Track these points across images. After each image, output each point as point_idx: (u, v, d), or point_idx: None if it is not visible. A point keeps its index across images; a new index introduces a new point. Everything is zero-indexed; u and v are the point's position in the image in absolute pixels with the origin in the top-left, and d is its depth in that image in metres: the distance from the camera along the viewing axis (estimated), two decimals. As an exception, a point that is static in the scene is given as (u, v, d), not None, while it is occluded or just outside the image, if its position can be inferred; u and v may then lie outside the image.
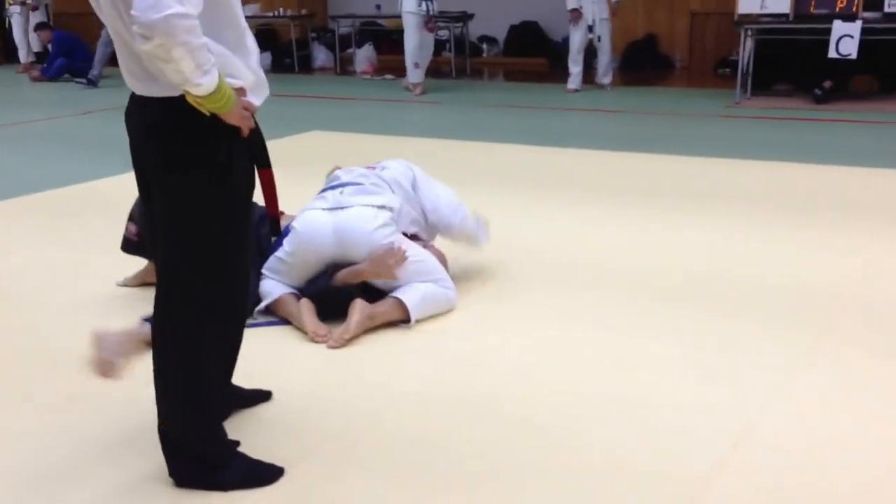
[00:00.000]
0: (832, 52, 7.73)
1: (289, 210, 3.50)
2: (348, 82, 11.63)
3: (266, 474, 2.29)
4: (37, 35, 12.75)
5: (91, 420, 2.65)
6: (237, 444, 2.34)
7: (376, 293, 3.33)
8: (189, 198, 2.09)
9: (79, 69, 11.98)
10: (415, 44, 9.80)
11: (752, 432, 2.46)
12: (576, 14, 9.35)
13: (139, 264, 3.69)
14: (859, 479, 2.24)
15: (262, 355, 3.02)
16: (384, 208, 3.38)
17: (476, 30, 12.69)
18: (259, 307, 3.36)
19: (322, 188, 3.59)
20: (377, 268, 3.28)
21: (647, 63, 11.59)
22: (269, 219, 2.37)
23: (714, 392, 2.70)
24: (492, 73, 12.34)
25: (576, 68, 9.66)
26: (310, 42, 13.16)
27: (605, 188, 5.34)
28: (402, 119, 8.52)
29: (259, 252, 3.40)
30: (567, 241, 4.30)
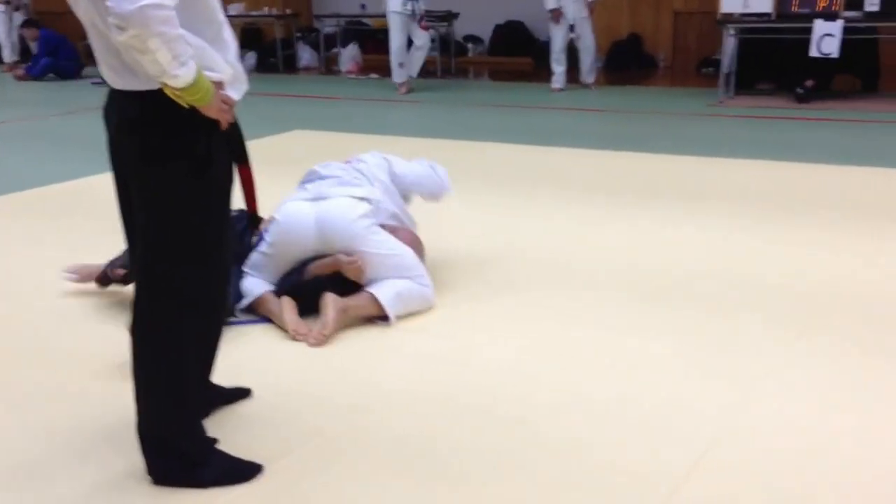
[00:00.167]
0: (814, 51, 7.78)
1: (269, 208, 3.51)
2: (333, 82, 11.62)
3: (245, 472, 2.29)
4: (22, 33, 12.71)
5: (68, 417, 2.65)
6: (216, 441, 2.35)
7: (351, 286, 3.33)
8: (167, 190, 2.08)
9: (64, 68, 11.94)
10: (399, 44, 9.78)
11: (748, 432, 2.45)
12: (556, 14, 9.36)
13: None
14: (858, 479, 2.23)
15: (242, 353, 3.03)
16: (364, 200, 3.40)
17: (461, 29, 12.70)
18: (240, 305, 3.36)
19: (302, 181, 3.61)
20: (346, 266, 3.29)
21: (632, 62, 11.64)
22: (249, 214, 2.38)
23: (710, 391, 2.69)
24: (477, 73, 12.36)
25: (559, 68, 9.68)
26: (295, 42, 13.16)
27: (592, 187, 5.36)
28: (387, 118, 8.52)
29: (243, 257, 3.41)
30: (555, 239, 4.31)
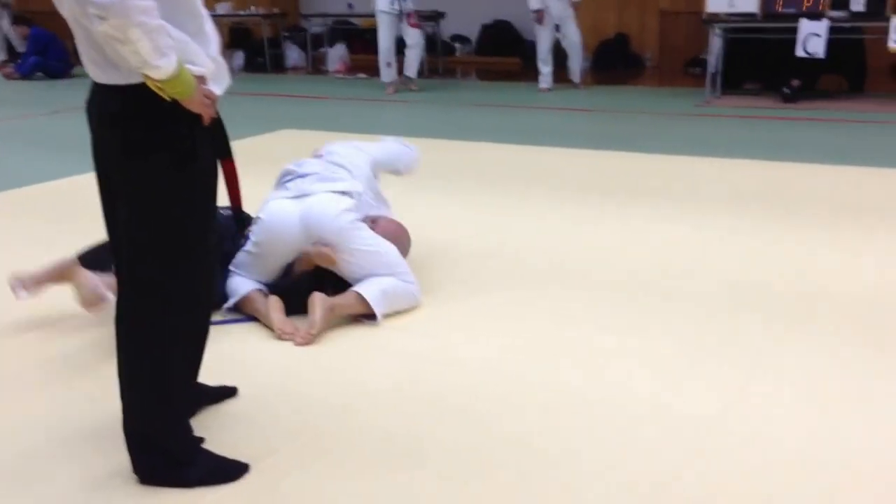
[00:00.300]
0: (799, 51, 7.81)
1: (257, 208, 3.50)
2: (321, 81, 11.61)
3: (231, 471, 2.28)
4: (12, 30, 12.65)
5: (54, 415, 2.64)
6: (202, 440, 2.34)
7: (337, 285, 3.33)
8: (149, 183, 2.07)
9: (53, 68, 11.88)
10: (387, 43, 9.76)
11: (742, 432, 2.45)
12: (539, 14, 9.34)
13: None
14: (857, 478, 2.22)
15: (228, 352, 3.02)
16: (346, 194, 3.40)
17: (448, 29, 12.71)
18: (227, 304, 3.36)
19: (280, 181, 3.59)
20: (316, 257, 3.30)
21: (619, 62, 11.65)
22: (233, 209, 2.36)
23: (703, 391, 2.69)
24: (465, 73, 12.36)
25: (546, 68, 9.68)
26: (282, 41, 13.14)
27: (581, 186, 5.37)
28: (375, 118, 8.51)
29: (227, 259, 3.41)
30: (544, 238, 4.30)
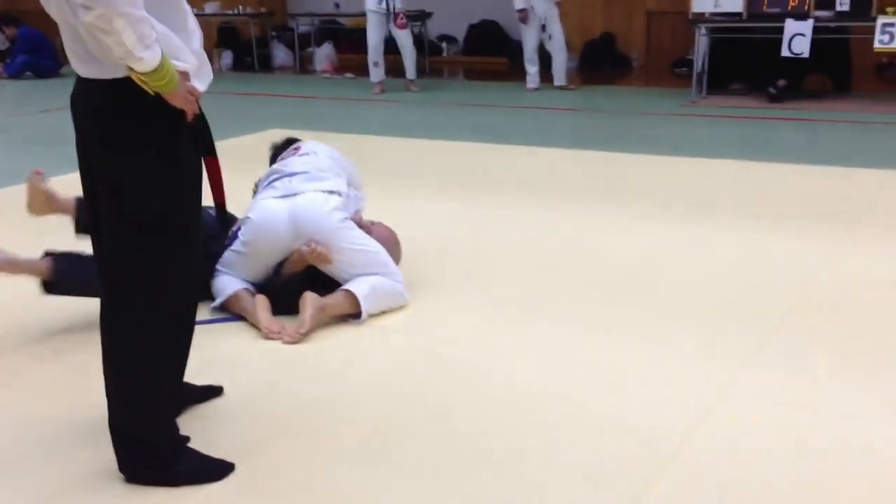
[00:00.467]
0: (785, 51, 7.84)
1: (245, 208, 3.50)
2: (308, 81, 11.59)
3: (217, 470, 2.29)
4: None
5: (39, 412, 2.64)
6: (188, 439, 2.34)
7: (326, 286, 3.33)
8: (133, 177, 2.08)
9: (42, 67, 11.82)
10: (375, 42, 9.75)
11: (719, 431, 2.47)
12: (524, 14, 9.34)
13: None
14: (832, 478, 2.24)
15: (215, 351, 3.03)
16: (334, 193, 3.40)
17: (435, 29, 12.71)
18: (213, 304, 3.35)
19: (266, 180, 3.58)
20: (310, 256, 3.29)
21: (605, 62, 11.67)
22: (216, 206, 2.36)
23: (681, 391, 2.70)
24: (452, 72, 12.37)
25: (532, 68, 9.68)
26: (270, 41, 13.11)
27: (567, 186, 5.39)
28: (362, 118, 8.51)
29: (218, 257, 3.40)
30: (529, 238, 4.31)
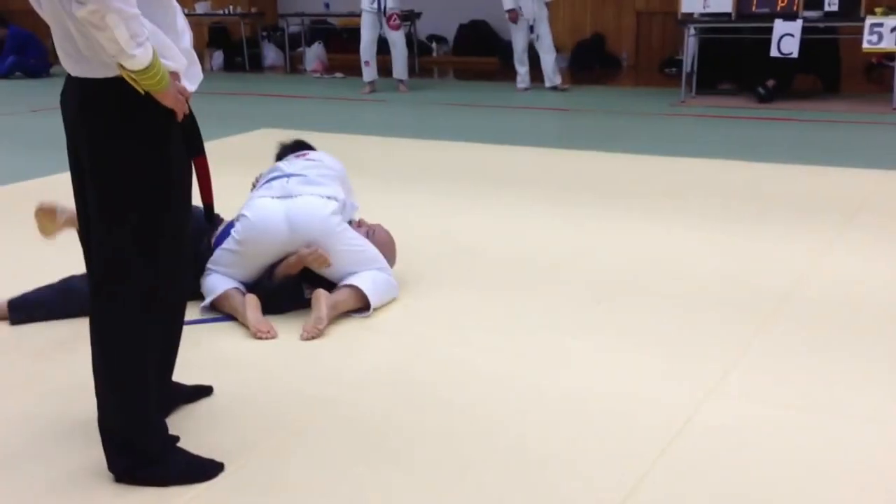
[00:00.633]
0: (774, 51, 7.87)
1: (237, 207, 3.50)
2: (299, 81, 11.59)
3: (206, 470, 2.28)
4: None
5: (28, 411, 2.63)
6: (177, 439, 2.34)
7: (324, 285, 3.33)
8: (123, 177, 2.08)
9: (32, 67, 11.77)
10: (366, 41, 9.74)
11: (704, 432, 2.47)
12: (513, 14, 9.34)
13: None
14: (821, 478, 2.24)
15: (204, 351, 3.02)
16: (332, 198, 3.40)
17: (425, 29, 12.72)
18: (203, 304, 3.34)
19: (264, 179, 3.58)
20: (310, 258, 3.29)
21: (595, 62, 11.70)
22: (204, 206, 2.36)
23: (667, 391, 2.70)
24: (441, 72, 12.38)
25: (522, 68, 9.69)
26: (260, 41, 13.10)
27: (557, 186, 5.39)
28: (353, 118, 8.51)
29: (200, 257, 3.40)
30: (518, 238, 4.31)
